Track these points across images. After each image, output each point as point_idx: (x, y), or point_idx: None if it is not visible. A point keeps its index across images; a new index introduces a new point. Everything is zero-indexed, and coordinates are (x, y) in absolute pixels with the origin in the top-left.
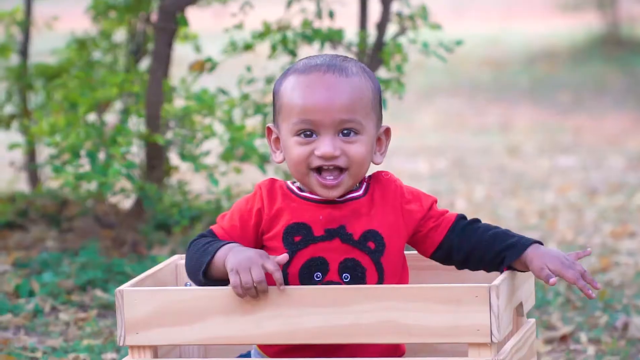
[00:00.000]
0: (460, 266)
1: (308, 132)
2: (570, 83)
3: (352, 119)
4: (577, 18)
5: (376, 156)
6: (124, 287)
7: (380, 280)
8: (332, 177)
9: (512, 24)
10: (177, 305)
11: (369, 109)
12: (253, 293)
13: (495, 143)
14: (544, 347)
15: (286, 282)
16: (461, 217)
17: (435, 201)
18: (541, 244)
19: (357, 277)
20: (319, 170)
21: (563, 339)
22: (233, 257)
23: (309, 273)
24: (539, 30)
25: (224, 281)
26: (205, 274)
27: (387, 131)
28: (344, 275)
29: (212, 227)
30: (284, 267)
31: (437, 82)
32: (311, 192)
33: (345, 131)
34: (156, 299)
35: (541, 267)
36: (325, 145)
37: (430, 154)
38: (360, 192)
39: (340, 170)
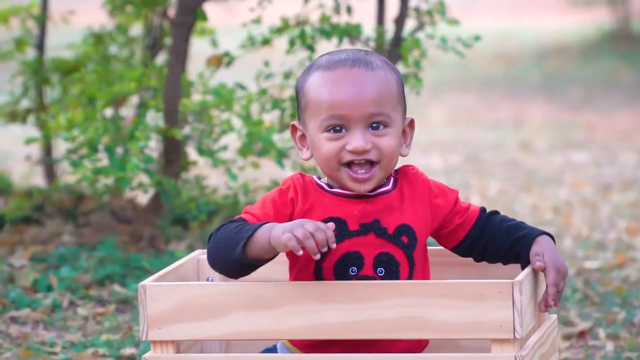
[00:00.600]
0: (478, 259)
1: (337, 128)
2: (581, 79)
3: (381, 112)
4: (588, 13)
5: (402, 149)
6: (147, 282)
7: (411, 275)
8: (363, 171)
9: (523, 19)
10: (199, 300)
11: (395, 102)
12: (312, 243)
13: (508, 138)
14: (562, 342)
15: (320, 276)
16: (482, 211)
17: (458, 194)
18: (551, 236)
19: (392, 271)
20: (349, 164)
21: (581, 334)
22: (281, 226)
23: (344, 267)
24: (549, 25)
25: (258, 263)
26: (244, 249)
27: (412, 123)
28: (378, 269)
29: (241, 215)
30: (318, 262)
31: (448, 77)
32: (341, 188)
33: (374, 125)
34: (178, 293)
35: (537, 253)
36: (356, 140)
37: (443, 150)
38: (390, 186)
39: (371, 164)
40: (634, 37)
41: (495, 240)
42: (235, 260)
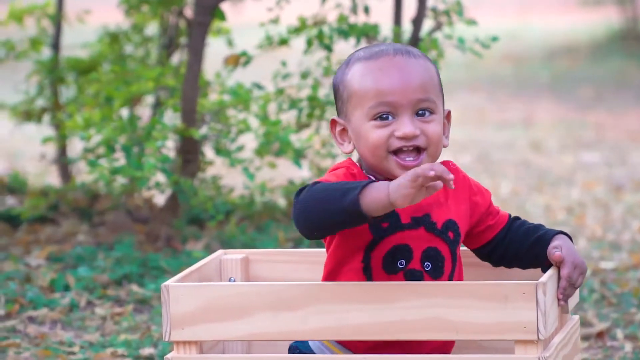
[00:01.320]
0: (496, 263)
1: (385, 115)
2: (591, 78)
3: (427, 98)
4: (597, 13)
5: (443, 139)
6: (170, 282)
7: (453, 271)
8: (411, 158)
9: (531, 19)
10: (222, 300)
11: (438, 90)
12: (440, 168)
13: (518, 138)
14: (581, 343)
15: (368, 267)
16: (510, 217)
17: (491, 195)
18: (569, 236)
19: (438, 266)
20: (396, 152)
21: (599, 335)
22: (395, 181)
23: (393, 260)
24: (558, 25)
25: (365, 217)
26: (358, 196)
27: (449, 115)
28: (425, 263)
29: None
30: (368, 252)
31: (456, 77)
32: (387, 179)
33: (420, 111)
34: (202, 294)
35: (555, 246)
36: (405, 126)
37: (454, 149)
38: None
39: (419, 150)
40: None
41: (515, 242)
42: (343, 208)
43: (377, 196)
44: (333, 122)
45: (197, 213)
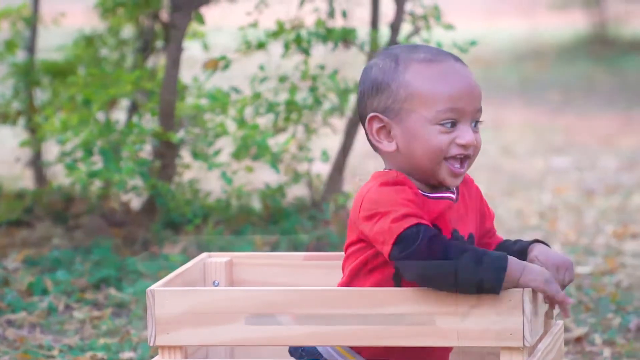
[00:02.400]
0: None
1: (451, 122)
2: (559, 82)
3: (482, 109)
4: (564, 17)
5: None
6: (155, 286)
7: None
8: (458, 166)
9: (499, 22)
10: (208, 305)
11: None
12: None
13: (488, 143)
14: None
15: (399, 274)
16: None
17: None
18: (543, 242)
19: None
20: (447, 158)
21: (578, 340)
22: (536, 270)
23: None
24: (525, 29)
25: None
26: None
27: None
28: None
29: (414, 221)
30: None
31: None
32: (427, 189)
33: (477, 121)
34: (187, 299)
35: (532, 258)
36: (468, 135)
37: None
38: (454, 191)
39: (465, 159)
40: (610, 41)
41: None
42: (473, 289)
43: (510, 280)
44: (373, 119)
45: (173, 217)
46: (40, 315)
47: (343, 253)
